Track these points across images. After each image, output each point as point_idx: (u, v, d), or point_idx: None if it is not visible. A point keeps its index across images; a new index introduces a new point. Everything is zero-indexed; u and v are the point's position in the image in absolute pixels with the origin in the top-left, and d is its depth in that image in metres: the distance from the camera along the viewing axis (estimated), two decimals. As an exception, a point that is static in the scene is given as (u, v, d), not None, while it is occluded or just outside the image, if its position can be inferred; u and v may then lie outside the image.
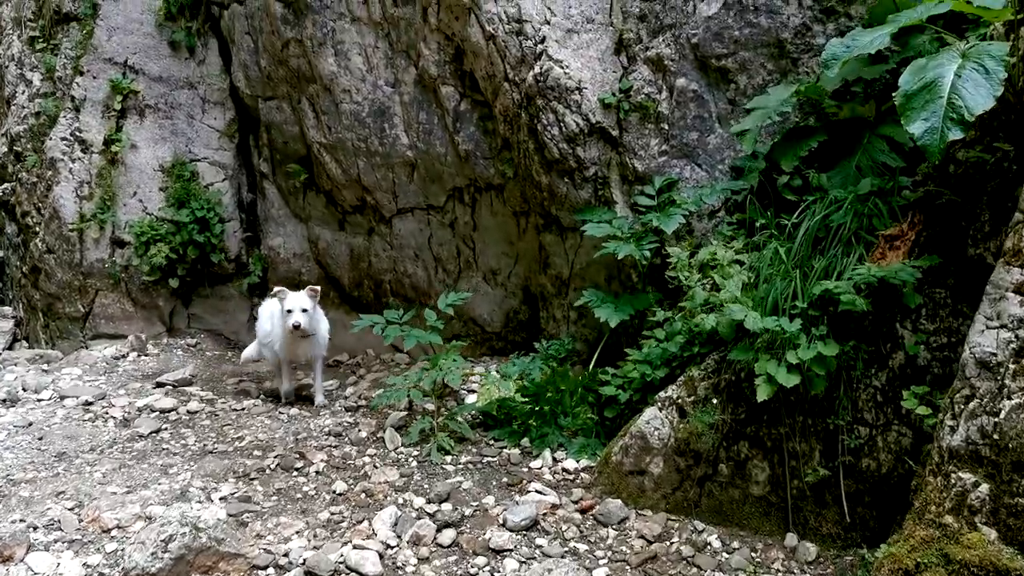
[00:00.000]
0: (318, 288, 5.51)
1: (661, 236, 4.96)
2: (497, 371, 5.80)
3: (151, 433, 5.27)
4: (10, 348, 7.79)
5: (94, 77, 7.80)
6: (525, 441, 4.79)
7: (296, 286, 7.92)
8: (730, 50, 5.01)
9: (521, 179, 5.92)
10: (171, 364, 7.04)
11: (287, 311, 5.33)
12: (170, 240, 7.52)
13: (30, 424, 5.39)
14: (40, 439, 5.12)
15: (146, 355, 7.17)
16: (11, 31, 8.64)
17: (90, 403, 5.84)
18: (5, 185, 8.44)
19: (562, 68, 5.33)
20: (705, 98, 5.10)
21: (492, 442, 4.85)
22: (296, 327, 5.26)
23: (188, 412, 5.70)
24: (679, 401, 4.11)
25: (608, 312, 4.86)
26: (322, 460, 4.68)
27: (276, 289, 5.45)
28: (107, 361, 6.90)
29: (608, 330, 5.06)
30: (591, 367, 5.08)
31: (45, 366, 6.91)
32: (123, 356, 7.06)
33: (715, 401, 3.98)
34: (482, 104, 6.10)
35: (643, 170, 5.24)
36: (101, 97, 7.78)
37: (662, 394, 4.21)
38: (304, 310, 5.31)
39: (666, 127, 5.18)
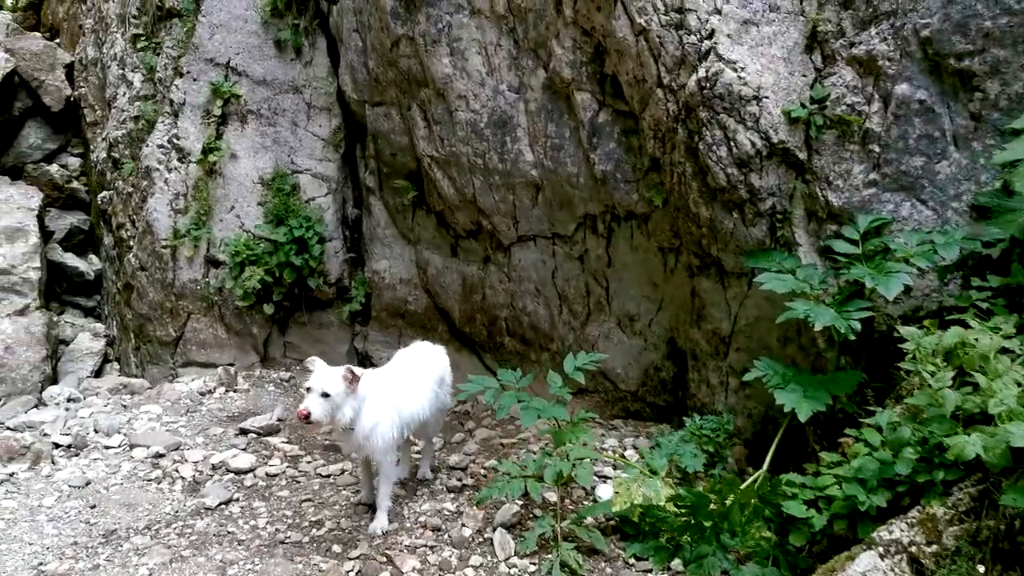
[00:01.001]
0: (359, 372, 3.91)
1: (866, 296, 3.70)
2: (635, 450, 4.66)
3: (219, 505, 4.45)
4: (98, 372, 7.25)
5: (194, 79, 7.14)
6: (676, 562, 3.64)
7: (401, 316, 7.09)
8: (977, 46, 3.66)
9: (672, 209, 4.75)
10: (260, 403, 6.27)
11: (305, 389, 3.92)
12: (266, 262, 6.75)
13: (87, 484, 4.68)
14: (92, 507, 4.39)
15: (235, 391, 6.43)
16: (115, 28, 8.15)
17: (160, 456, 5.12)
18: (104, 193, 7.95)
19: (735, 71, 4.12)
20: (936, 111, 3.77)
21: (632, 561, 3.72)
22: (306, 416, 3.75)
23: (267, 475, 4.87)
24: (913, 549, 2.86)
25: (795, 399, 3.62)
26: (414, 569, 3.69)
27: (309, 359, 4.11)
28: (192, 398, 6.18)
29: (789, 417, 3.82)
30: (765, 466, 3.86)
31: (126, 398, 6.28)
32: (210, 391, 6.34)
33: (974, 562, 2.71)
34: (626, 115, 4.96)
35: (840, 205, 3.97)
36: (201, 101, 7.12)
37: (884, 534, 2.97)
38: (325, 395, 3.79)
39: (876, 150, 3.89)
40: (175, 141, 7.10)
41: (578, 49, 5.04)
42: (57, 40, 10.02)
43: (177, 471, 4.89)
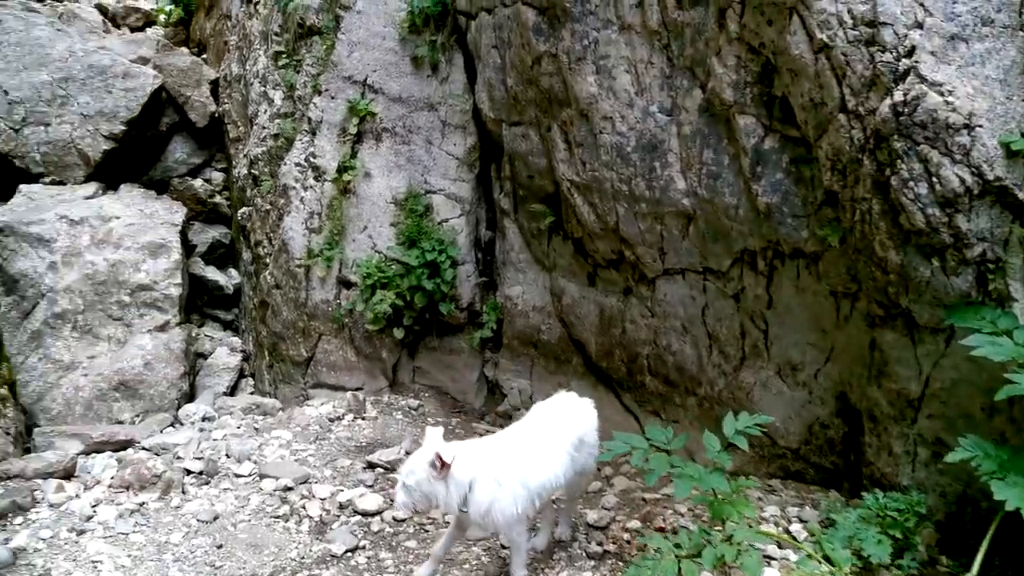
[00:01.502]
0: (449, 457, 3.47)
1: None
2: (801, 523, 4.11)
3: (345, 553, 4.23)
4: (234, 388, 7.29)
5: (332, 97, 7.06)
6: (861, 678, 3.09)
7: (534, 346, 6.75)
8: None
9: (851, 250, 4.17)
10: (387, 433, 6.07)
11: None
12: (397, 285, 6.57)
13: (215, 518, 4.57)
14: (219, 547, 4.27)
15: (363, 418, 6.26)
16: (258, 46, 8.22)
17: (288, 489, 4.98)
18: (244, 209, 8.03)
19: (941, 94, 3.52)
20: None
21: (807, 669, 3.20)
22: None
23: (394, 520, 4.62)
24: None
25: (1020, 496, 3.00)
26: (552, 653, 3.31)
27: (428, 430, 3.75)
28: (321, 424, 6.05)
29: (1003, 511, 3.19)
30: (975, 570, 3.24)
31: (259, 420, 6.22)
32: (338, 418, 6.20)
33: None
34: (796, 142, 4.40)
35: (1072, 256, 3.30)
36: (338, 119, 7.04)
37: None
38: (405, 485, 3.55)
39: (1125, 191, 3.20)
40: (311, 159, 7.05)
41: (742, 68, 4.52)
42: (204, 56, 10.32)
43: (304, 508, 4.73)
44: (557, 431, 3.91)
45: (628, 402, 6.12)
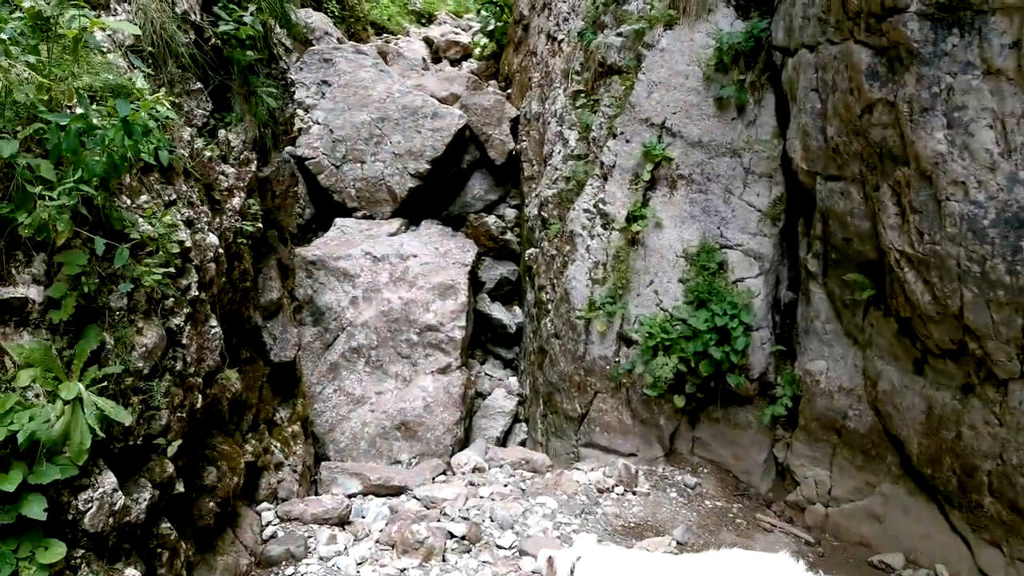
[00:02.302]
0: (564, 569, 2.99)
1: None
2: None
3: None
4: (507, 434, 7.21)
5: (627, 140, 6.70)
6: None
7: (836, 432, 5.80)
8: None
9: None
10: (659, 513, 5.54)
11: None
12: (681, 348, 6.01)
13: (471, 600, 4.35)
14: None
15: (633, 493, 5.78)
16: (559, 84, 8.12)
17: (546, 576, 4.61)
18: (531, 251, 7.95)
19: None
20: None
21: None
22: None
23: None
24: None
25: None
26: None
27: (577, 537, 3.08)
28: (588, 493, 5.68)
29: None
30: None
31: (527, 479, 6.02)
32: (607, 490, 5.78)
33: None
34: None
35: None
36: (631, 164, 6.65)
37: None
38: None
39: None
40: (600, 206, 6.73)
41: None
42: (509, 91, 10.54)
43: (561, 602, 4.35)
44: None
45: (957, 522, 4.99)
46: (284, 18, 5.95)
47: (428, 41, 15.49)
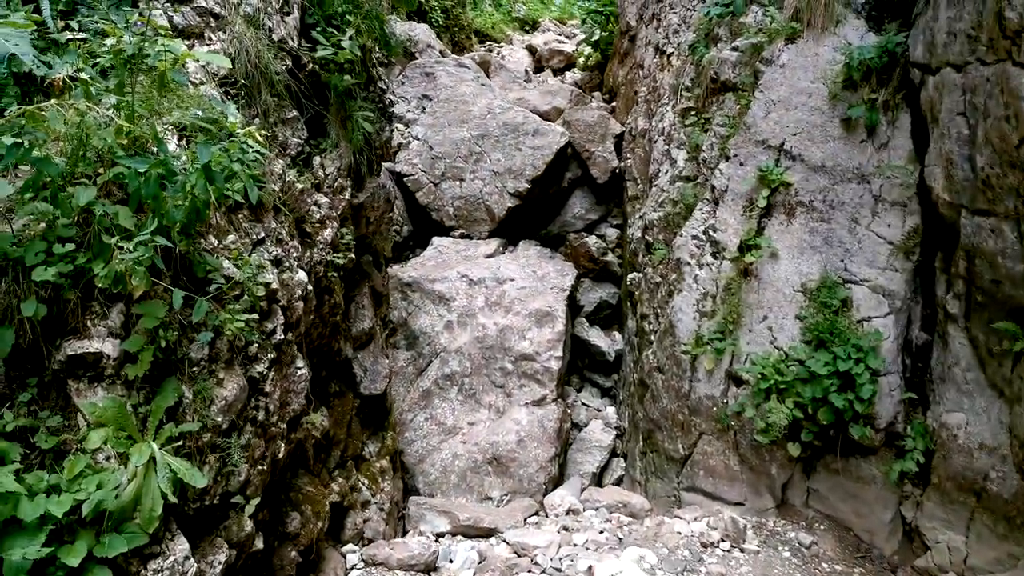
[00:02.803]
0: None
1: None
2: None
3: None
4: (603, 470, 6.83)
5: (741, 163, 6.22)
6: None
7: (975, 495, 5.18)
8: None
9: None
10: (770, 575, 5.05)
11: None
12: (797, 393, 5.50)
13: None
14: None
15: (741, 550, 5.32)
16: (667, 100, 7.69)
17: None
18: (634, 275, 7.55)
19: None
20: None
21: None
22: None
23: None
24: None
25: None
26: None
27: None
28: (691, 547, 5.26)
29: None
30: None
31: (624, 525, 5.65)
32: (712, 544, 5.34)
33: None
34: None
35: None
36: (745, 189, 6.17)
37: None
38: None
39: None
40: (711, 233, 6.28)
41: None
42: (613, 103, 10.15)
43: None
44: None
45: None
46: (383, 40, 5.78)
47: (531, 49, 15.30)
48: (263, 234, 3.87)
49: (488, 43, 18.00)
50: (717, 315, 6.10)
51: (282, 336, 3.74)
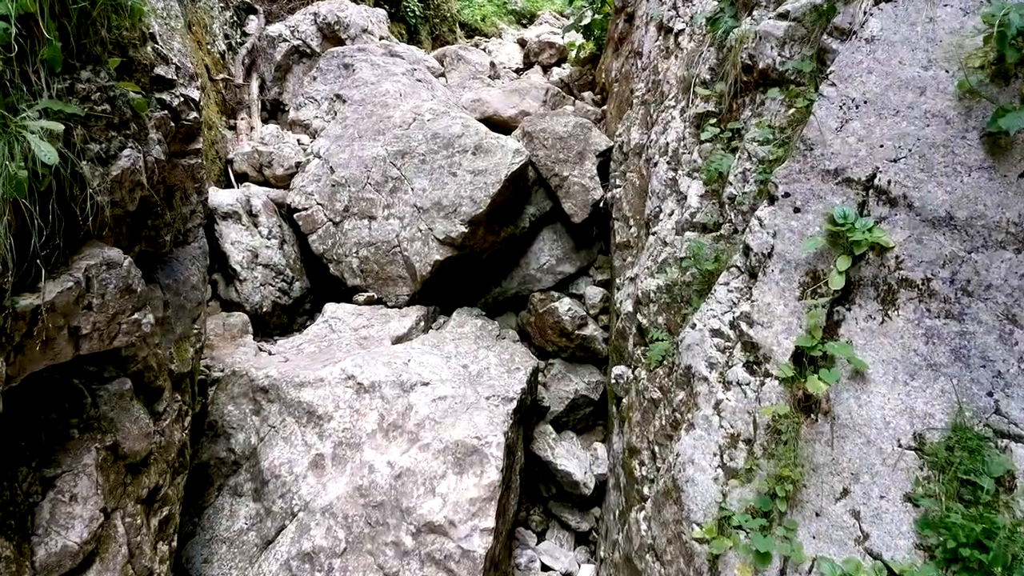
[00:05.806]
0: None
1: None
2: None
3: None
4: None
5: (796, 208, 3.61)
6: None
7: None
8: None
9: None
10: None
11: None
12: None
13: None
14: None
15: None
16: (673, 100, 5.06)
17: None
18: (619, 370, 4.90)
19: None
20: None
21: None
22: None
23: None
24: None
25: None
26: None
27: None
28: None
29: None
30: None
31: None
32: None
33: None
34: None
35: None
36: (804, 254, 3.56)
37: None
38: None
39: None
40: (743, 328, 3.64)
41: None
42: (604, 107, 7.52)
43: None
44: None
45: None
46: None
47: (522, 43, 13.22)
48: None
49: (477, 37, 15.85)
50: (755, 478, 3.46)
51: None
